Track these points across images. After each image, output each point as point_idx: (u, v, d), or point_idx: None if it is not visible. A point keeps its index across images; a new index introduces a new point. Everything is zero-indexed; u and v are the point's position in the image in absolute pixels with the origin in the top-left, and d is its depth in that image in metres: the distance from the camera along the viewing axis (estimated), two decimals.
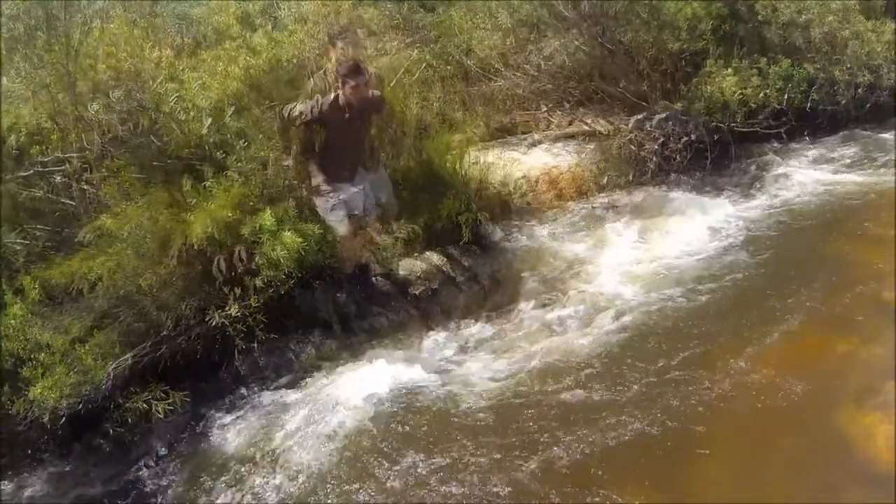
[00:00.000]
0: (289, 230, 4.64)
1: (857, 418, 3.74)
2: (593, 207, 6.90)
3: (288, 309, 5.15)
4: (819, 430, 3.76)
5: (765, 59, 8.00)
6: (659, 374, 4.37)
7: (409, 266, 5.77)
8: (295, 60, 7.21)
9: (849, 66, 8.29)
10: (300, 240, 4.61)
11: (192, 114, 5.07)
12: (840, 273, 5.27)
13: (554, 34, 7.21)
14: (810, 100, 8.15)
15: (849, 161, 7.72)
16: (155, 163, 5.00)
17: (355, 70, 4.88)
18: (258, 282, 4.67)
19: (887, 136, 8.26)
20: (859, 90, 8.29)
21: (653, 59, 7.76)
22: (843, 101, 8.25)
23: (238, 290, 4.61)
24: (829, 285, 5.09)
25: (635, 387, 4.27)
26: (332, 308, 5.32)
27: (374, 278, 5.54)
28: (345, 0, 8.08)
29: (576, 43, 7.44)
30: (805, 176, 7.35)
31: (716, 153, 7.56)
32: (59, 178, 4.89)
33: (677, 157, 7.33)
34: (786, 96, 7.99)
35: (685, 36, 7.72)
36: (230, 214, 4.67)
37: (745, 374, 4.21)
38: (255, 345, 4.79)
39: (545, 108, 7.95)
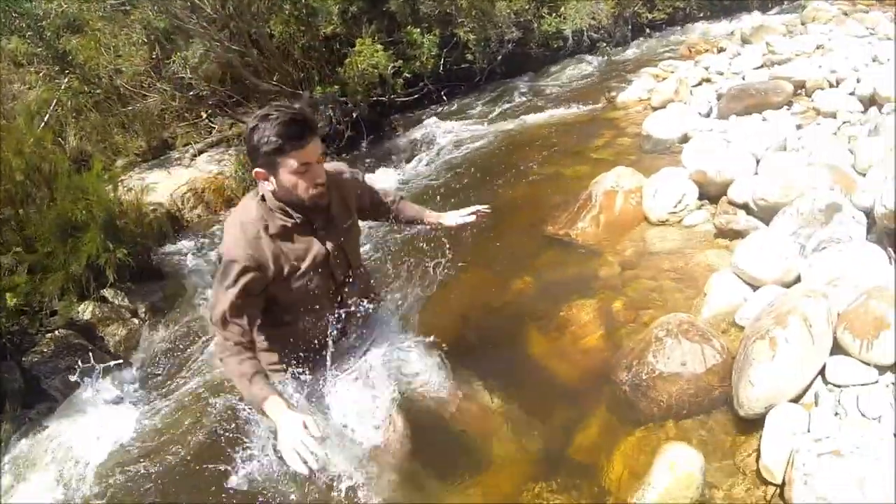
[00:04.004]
0: None
1: (539, 339, 3.86)
2: None
3: None
4: (508, 353, 3.77)
5: (417, 30, 8.35)
6: None
7: (88, 310, 5.48)
8: None
9: (499, 26, 8.85)
10: None
11: None
12: (509, 214, 5.44)
13: (200, 39, 7.14)
14: (466, 60, 8.67)
15: (504, 109, 8.25)
16: None
17: (298, 129, 2.31)
18: None
19: (538, 83, 8.94)
20: (510, 45, 8.90)
21: (306, 48, 7.89)
22: (499, 58, 8.85)
23: None
24: (501, 226, 5.18)
25: None
26: (20, 374, 4.95)
27: (56, 332, 5.23)
28: None
29: (226, 44, 7.39)
30: (463, 130, 7.71)
31: (378, 126, 7.83)
32: None
33: (338, 139, 7.51)
34: (442, 61, 8.43)
35: (337, 20, 7.92)
36: None
37: (437, 318, 4.11)
38: None
39: (205, 115, 7.88)
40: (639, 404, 2.96)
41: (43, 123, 6.56)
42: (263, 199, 2.46)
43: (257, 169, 2.39)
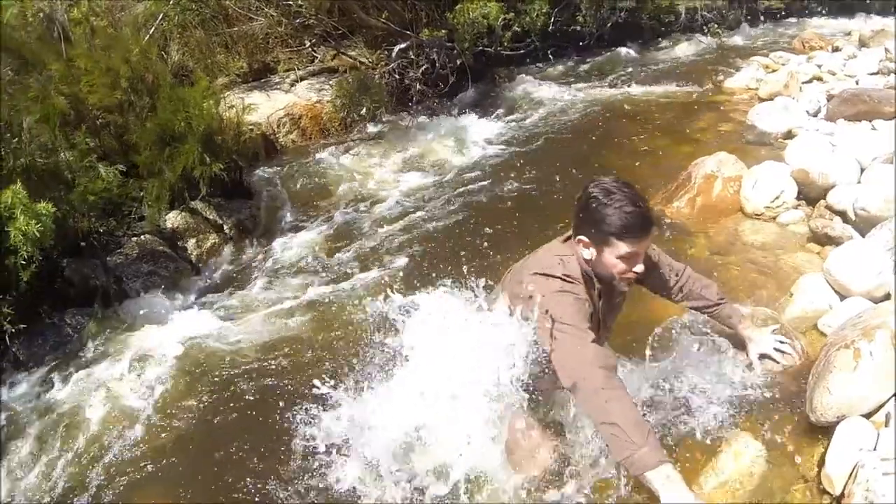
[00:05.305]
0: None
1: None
2: (357, 139, 6.98)
3: (60, 282, 4.75)
4: None
5: None
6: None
7: (176, 219, 5.65)
8: (42, 14, 6.94)
9: None
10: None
11: None
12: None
13: None
14: (575, 22, 8.58)
15: (608, 77, 8.19)
16: None
17: (643, 222, 2.39)
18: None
19: (645, 56, 8.79)
20: (622, 14, 8.76)
21: None
22: (609, 25, 8.72)
23: None
24: None
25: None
26: (104, 273, 5.17)
27: (141, 237, 5.44)
28: None
29: None
30: (566, 92, 7.72)
31: (482, 76, 7.83)
32: None
33: (441, 83, 7.56)
34: (551, 20, 8.36)
35: None
36: None
37: None
38: (25, 326, 4.26)
39: (309, 44, 7.96)
40: None
41: (148, 36, 6.65)
42: (584, 260, 2.50)
43: (584, 237, 2.44)
